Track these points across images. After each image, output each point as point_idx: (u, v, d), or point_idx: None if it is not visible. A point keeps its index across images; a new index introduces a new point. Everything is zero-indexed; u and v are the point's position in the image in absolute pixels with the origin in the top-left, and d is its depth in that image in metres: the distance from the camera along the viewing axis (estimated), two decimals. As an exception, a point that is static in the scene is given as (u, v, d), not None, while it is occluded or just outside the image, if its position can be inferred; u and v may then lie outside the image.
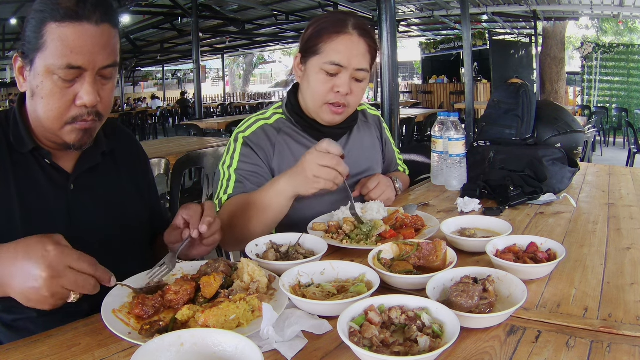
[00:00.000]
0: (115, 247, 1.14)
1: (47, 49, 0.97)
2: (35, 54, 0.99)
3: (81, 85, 1.01)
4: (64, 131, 1.04)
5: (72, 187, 1.13)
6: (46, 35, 0.97)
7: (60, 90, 1.00)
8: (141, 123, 13.20)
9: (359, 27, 1.44)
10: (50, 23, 0.97)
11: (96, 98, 1.02)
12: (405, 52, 25.19)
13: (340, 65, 1.40)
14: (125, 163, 1.28)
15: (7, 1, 9.13)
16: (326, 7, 10.77)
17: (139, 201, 1.28)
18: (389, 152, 1.82)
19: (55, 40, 0.97)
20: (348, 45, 1.41)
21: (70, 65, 0.97)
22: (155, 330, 0.81)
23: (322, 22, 1.45)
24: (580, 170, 1.96)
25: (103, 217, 1.16)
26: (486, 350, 0.76)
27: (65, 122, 1.03)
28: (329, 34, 1.42)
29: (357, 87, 1.46)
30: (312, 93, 1.47)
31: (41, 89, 1.00)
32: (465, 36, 7.75)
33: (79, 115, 1.03)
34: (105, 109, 1.07)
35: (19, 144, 1.08)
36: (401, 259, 1.07)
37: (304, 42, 1.48)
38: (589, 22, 16.83)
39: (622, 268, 1.06)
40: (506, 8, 11.00)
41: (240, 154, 1.48)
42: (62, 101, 1.01)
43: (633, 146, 6.89)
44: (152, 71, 28.28)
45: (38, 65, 0.99)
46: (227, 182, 1.46)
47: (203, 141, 5.24)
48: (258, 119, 1.56)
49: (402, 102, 13.52)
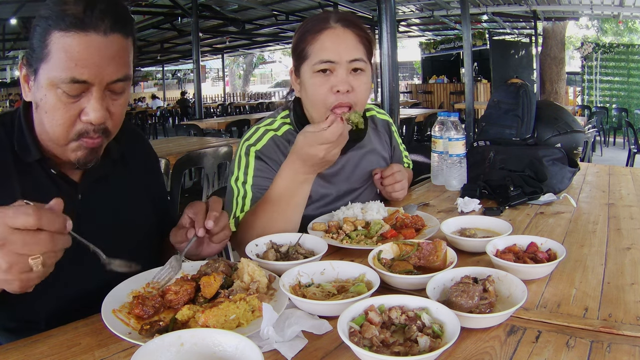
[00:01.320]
0: (123, 253, 1.12)
1: (51, 60, 0.91)
2: (39, 64, 0.92)
3: (87, 100, 0.94)
4: (69, 148, 0.98)
5: (80, 197, 1.08)
6: (50, 45, 0.90)
7: (64, 105, 0.93)
8: (141, 123, 13.20)
9: (342, 19, 1.37)
10: (55, 32, 0.90)
11: (104, 115, 0.95)
12: (405, 52, 25.22)
13: (331, 60, 1.33)
14: (135, 165, 1.23)
15: (7, 1, 9.13)
16: (326, 7, 10.76)
17: (148, 203, 1.24)
18: (396, 155, 1.77)
19: (60, 51, 0.90)
20: (333, 39, 1.34)
21: (74, 80, 0.90)
22: (155, 330, 0.81)
23: (305, 25, 1.40)
24: (580, 170, 1.96)
25: (112, 225, 1.11)
26: (486, 350, 0.76)
27: (70, 139, 0.97)
28: (312, 34, 1.35)
29: (357, 81, 1.36)
30: (311, 101, 1.38)
31: (45, 103, 0.94)
32: (465, 36, 7.77)
33: (84, 131, 0.96)
34: (114, 126, 1.01)
35: (24, 153, 1.02)
36: (401, 259, 1.07)
37: (292, 52, 1.42)
38: (589, 22, 16.83)
39: (622, 268, 1.06)
40: (506, 8, 11.00)
41: (255, 169, 1.41)
42: (66, 116, 0.94)
43: (633, 146, 6.89)
44: (152, 71, 28.29)
45: (41, 76, 0.93)
46: (243, 199, 1.39)
47: (203, 141, 5.24)
48: (267, 129, 1.48)
49: (402, 102, 13.52)
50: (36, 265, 0.74)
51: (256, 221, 1.30)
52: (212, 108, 17.71)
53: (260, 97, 25.45)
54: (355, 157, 1.57)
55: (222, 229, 1.05)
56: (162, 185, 1.36)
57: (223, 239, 1.07)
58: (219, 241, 1.07)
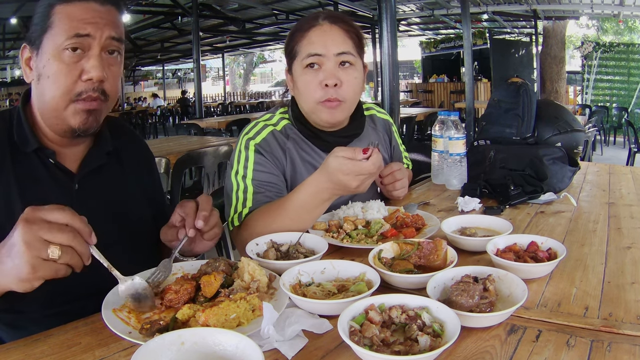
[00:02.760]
0: (119, 246, 1.13)
1: (55, 27, 1.01)
2: (43, 36, 1.02)
3: (87, 59, 1.02)
4: (69, 112, 1.04)
5: (76, 187, 1.12)
6: (53, 16, 1.01)
7: (66, 67, 1.01)
8: (141, 122, 13.19)
9: (329, 17, 1.40)
10: (58, 5, 1.02)
11: (102, 72, 1.03)
12: (405, 51, 25.18)
13: (318, 54, 1.36)
14: (130, 162, 1.26)
15: (7, 1, 9.13)
16: (326, 6, 10.77)
17: (143, 200, 1.27)
18: (396, 155, 1.77)
19: (63, 18, 1.01)
20: (320, 34, 1.37)
21: (78, 34, 1.00)
22: (155, 330, 0.81)
23: (295, 26, 1.44)
24: (581, 170, 1.96)
25: (107, 217, 1.15)
26: (486, 349, 0.76)
27: (70, 100, 1.03)
28: (301, 32, 1.39)
29: (346, 75, 1.37)
30: (303, 97, 1.42)
31: (48, 69, 1.02)
32: (465, 35, 7.76)
33: (84, 90, 1.03)
34: (111, 89, 1.08)
35: (22, 142, 1.07)
36: (402, 258, 1.07)
37: (285, 51, 1.46)
38: (589, 22, 16.81)
39: (623, 267, 1.06)
40: (506, 7, 11.00)
41: (255, 163, 1.41)
42: (69, 77, 1.02)
43: (633, 145, 6.88)
44: (153, 70, 28.29)
45: (46, 45, 1.02)
46: (244, 194, 1.39)
47: (203, 140, 5.24)
48: (266, 124, 1.50)
49: (403, 101, 13.51)
50: (52, 252, 0.77)
51: (271, 224, 1.27)
52: (212, 107, 17.72)
53: (260, 96, 25.45)
54: None
55: (213, 227, 1.07)
56: (158, 184, 1.38)
57: (214, 237, 1.10)
58: (210, 239, 1.09)
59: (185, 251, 1.11)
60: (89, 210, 1.10)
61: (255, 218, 1.33)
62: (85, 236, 0.82)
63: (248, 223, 1.34)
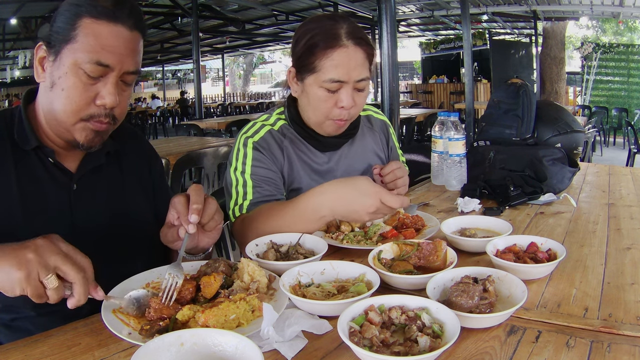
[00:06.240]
0: (118, 247, 1.13)
1: (78, 42, 0.98)
2: (64, 45, 0.99)
3: (104, 85, 1.01)
4: (77, 127, 1.04)
5: (75, 186, 1.12)
6: (79, 28, 0.98)
7: (83, 86, 1.00)
8: (141, 123, 13.19)
9: (353, 36, 1.35)
10: (86, 18, 0.98)
11: (116, 100, 1.03)
12: (405, 52, 25.21)
13: (341, 81, 1.34)
14: (130, 163, 1.26)
15: (7, 1, 9.13)
16: (326, 7, 10.77)
17: (143, 201, 1.26)
18: (393, 157, 1.77)
19: (89, 35, 0.98)
20: (345, 58, 1.33)
21: (99, 62, 0.99)
22: (155, 330, 0.81)
23: (313, 36, 1.35)
24: (580, 170, 1.96)
25: (106, 218, 1.15)
26: (486, 350, 0.76)
27: (80, 118, 1.03)
28: (323, 50, 1.33)
29: (359, 97, 1.41)
30: (314, 110, 1.42)
31: (64, 81, 1.00)
32: (465, 36, 7.77)
33: (96, 114, 1.03)
34: (120, 113, 1.08)
35: (22, 141, 1.07)
36: (401, 259, 1.07)
37: (296, 57, 1.40)
38: (589, 22, 16.83)
39: (622, 268, 1.06)
40: (506, 8, 11.01)
41: (253, 159, 1.44)
42: (83, 97, 1.01)
43: (633, 146, 6.89)
44: (152, 71, 28.27)
45: (65, 57, 0.99)
46: (244, 187, 1.41)
47: (203, 141, 5.24)
48: (263, 124, 1.52)
49: (402, 102, 13.52)
50: (50, 280, 0.79)
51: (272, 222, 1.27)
52: (212, 108, 17.70)
53: (260, 97, 25.45)
54: (348, 153, 1.60)
55: (212, 217, 1.04)
56: (163, 184, 1.36)
57: (215, 227, 1.06)
58: (212, 229, 1.06)
59: (190, 249, 1.09)
60: (87, 210, 1.12)
61: (255, 219, 1.33)
62: (91, 291, 0.84)
63: (251, 224, 1.33)
